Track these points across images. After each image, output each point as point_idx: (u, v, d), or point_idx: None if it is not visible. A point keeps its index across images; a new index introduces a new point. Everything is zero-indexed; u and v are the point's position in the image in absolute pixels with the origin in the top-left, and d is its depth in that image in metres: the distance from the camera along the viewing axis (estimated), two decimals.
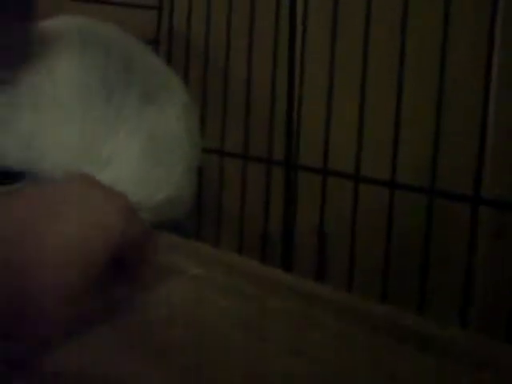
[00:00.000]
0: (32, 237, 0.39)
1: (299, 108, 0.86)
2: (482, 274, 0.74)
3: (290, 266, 0.88)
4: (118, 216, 0.44)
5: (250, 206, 0.89)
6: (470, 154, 0.65)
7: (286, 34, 0.88)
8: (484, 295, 0.75)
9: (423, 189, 0.69)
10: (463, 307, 0.65)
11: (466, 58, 0.75)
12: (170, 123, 0.70)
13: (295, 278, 0.63)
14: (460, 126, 0.76)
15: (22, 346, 0.40)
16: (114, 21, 0.72)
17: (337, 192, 0.80)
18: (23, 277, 0.37)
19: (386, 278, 0.71)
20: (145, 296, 0.54)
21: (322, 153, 0.78)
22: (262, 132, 0.88)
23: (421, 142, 0.73)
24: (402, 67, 0.69)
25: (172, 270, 0.61)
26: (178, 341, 0.46)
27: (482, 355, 0.45)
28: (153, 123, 0.68)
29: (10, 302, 0.37)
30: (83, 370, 0.41)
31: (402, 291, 0.71)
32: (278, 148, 0.88)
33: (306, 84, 0.82)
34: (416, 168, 0.74)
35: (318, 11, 0.83)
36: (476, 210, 0.64)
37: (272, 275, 0.62)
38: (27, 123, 0.60)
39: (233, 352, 0.45)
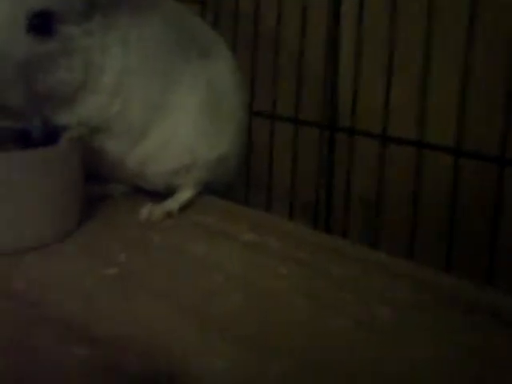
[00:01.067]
0: None
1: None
2: None
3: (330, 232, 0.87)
4: None
5: (299, 170, 0.88)
6: None
7: None
8: None
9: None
10: None
11: None
12: (223, 78, 0.69)
13: (351, 244, 0.61)
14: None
15: None
16: None
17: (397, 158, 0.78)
18: None
19: (451, 247, 0.70)
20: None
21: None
22: (311, 96, 0.86)
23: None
24: None
25: (224, 236, 0.60)
26: (239, 309, 0.45)
27: None
28: (209, 77, 0.67)
29: None
30: (145, 339, 0.40)
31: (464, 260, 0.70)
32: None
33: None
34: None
35: None
36: None
37: (325, 241, 0.61)
38: (111, 68, 0.59)
39: (296, 320, 0.44)
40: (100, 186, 0.70)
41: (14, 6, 0.51)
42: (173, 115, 0.64)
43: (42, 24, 0.52)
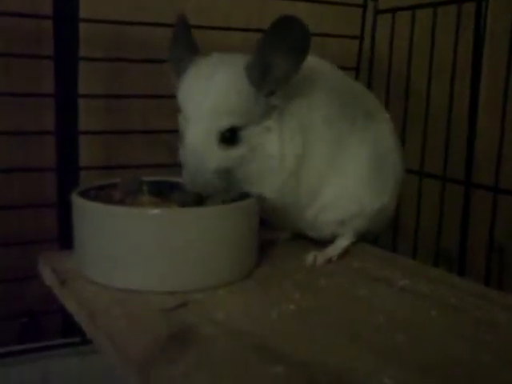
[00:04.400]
0: None
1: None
2: None
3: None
4: None
5: (444, 224, 0.95)
6: None
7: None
8: None
9: None
10: None
11: None
12: (385, 138, 0.78)
13: (494, 291, 0.67)
14: None
15: None
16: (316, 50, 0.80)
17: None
18: None
19: None
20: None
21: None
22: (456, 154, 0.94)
23: None
24: None
25: (382, 281, 0.69)
26: (402, 344, 0.53)
27: None
28: (374, 137, 0.76)
29: None
30: (328, 363, 0.50)
31: None
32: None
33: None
34: None
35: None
36: None
37: (471, 288, 0.67)
38: (292, 150, 0.70)
39: (454, 363, 0.51)
40: (268, 232, 0.80)
41: (208, 125, 0.64)
42: (344, 170, 0.74)
43: (230, 137, 0.65)
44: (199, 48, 0.70)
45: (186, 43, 0.70)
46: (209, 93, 0.64)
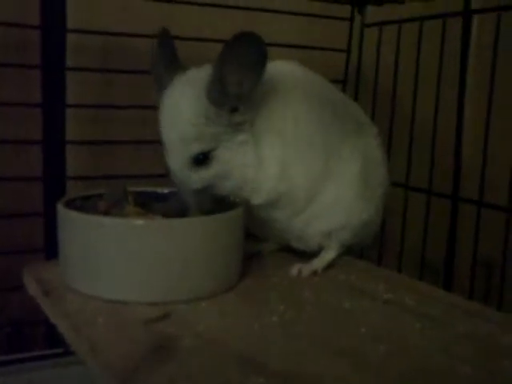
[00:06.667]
0: None
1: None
2: None
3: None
4: None
5: (430, 237, 0.96)
6: None
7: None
8: None
9: None
10: None
11: None
12: (373, 151, 0.79)
13: (478, 305, 0.68)
14: None
15: None
16: (302, 62, 0.81)
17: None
18: None
19: None
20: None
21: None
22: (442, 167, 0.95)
23: None
24: None
25: (365, 293, 0.69)
26: (384, 356, 0.54)
27: None
28: (363, 150, 0.77)
29: None
30: (309, 374, 0.50)
31: None
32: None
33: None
34: None
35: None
36: None
37: (455, 301, 0.68)
38: (273, 158, 0.71)
39: (435, 375, 0.51)
40: (253, 244, 0.80)
41: (180, 153, 0.67)
42: (334, 183, 0.74)
43: (202, 159, 0.67)
44: (180, 63, 0.71)
45: (167, 58, 0.70)
46: (175, 123, 0.67)
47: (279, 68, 0.75)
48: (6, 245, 0.95)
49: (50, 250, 0.85)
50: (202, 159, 0.67)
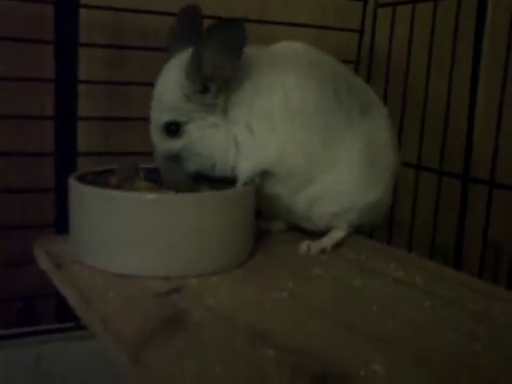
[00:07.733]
0: None
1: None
2: None
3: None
4: None
5: (441, 218, 0.96)
6: None
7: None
8: None
9: None
10: None
11: None
12: (380, 132, 0.78)
13: (488, 284, 0.68)
14: None
15: None
16: (316, 43, 0.80)
17: None
18: None
19: None
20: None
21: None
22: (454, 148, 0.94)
23: None
24: None
25: (375, 272, 0.69)
26: (393, 334, 0.54)
27: None
28: (369, 131, 0.76)
29: None
30: (318, 349, 0.50)
31: None
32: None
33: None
34: None
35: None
36: None
37: (465, 280, 0.68)
38: (263, 134, 0.71)
39: (445, 353, 0.51)
40: (263, 223, 0.80)
41: (156, 119, 0.71)
42: (337, 164, 0.74)
43: (174, 129, 0.70)
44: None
45: (187, 34, 0.72)
46: (158, 92, 0.71)
47: (281, 48, 0.76)
48: (18, 220, 0.95)
49: (61, 224, 0.85)
50: (173, 130, 0.70)
